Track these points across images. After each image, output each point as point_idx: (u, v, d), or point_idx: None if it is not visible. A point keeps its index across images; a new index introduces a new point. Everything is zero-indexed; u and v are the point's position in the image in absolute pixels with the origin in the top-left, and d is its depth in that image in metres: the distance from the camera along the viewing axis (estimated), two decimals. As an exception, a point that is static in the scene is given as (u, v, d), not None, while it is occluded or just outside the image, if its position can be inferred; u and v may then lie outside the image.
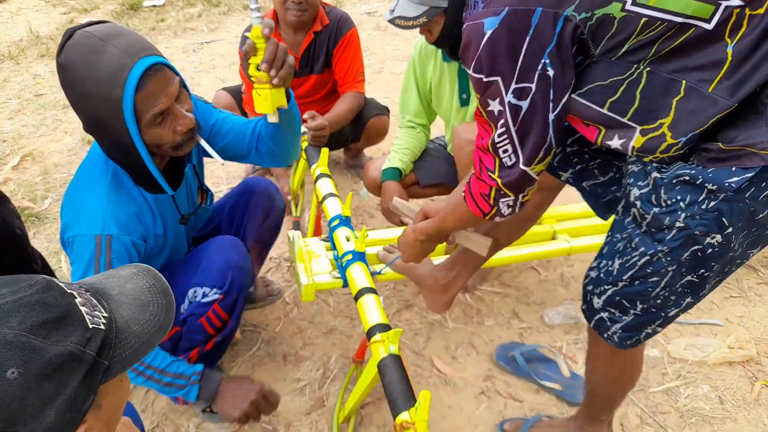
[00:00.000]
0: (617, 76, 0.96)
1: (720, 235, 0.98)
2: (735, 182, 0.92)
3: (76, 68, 1.20)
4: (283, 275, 2.34)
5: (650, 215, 1.04)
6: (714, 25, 0.88)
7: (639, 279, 1.10)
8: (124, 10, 5.76)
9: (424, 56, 2.10)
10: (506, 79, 0.96)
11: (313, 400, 1.79)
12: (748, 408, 1.74)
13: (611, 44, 0.93)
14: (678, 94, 0.93)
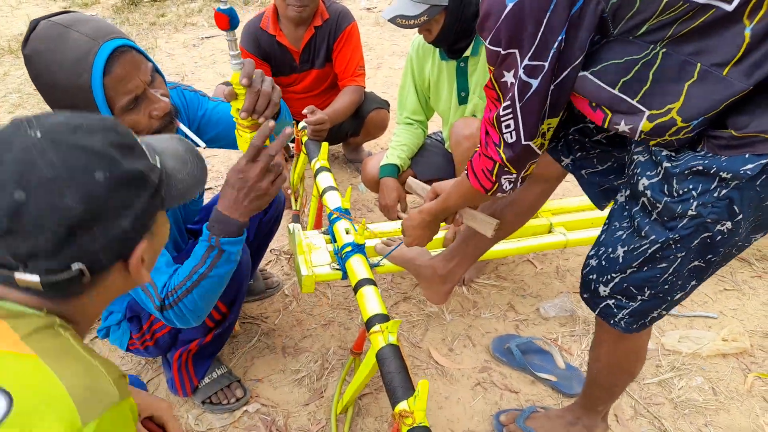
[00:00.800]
0: (633, 56, 0.95)
1: (730, 222, 0.99)
2: (750, 169, 0.92)
3: (41, 57, 1.17)
4: (282, 268, 2.36)
5: (662, 204, 1.04)
6: (735, 6, 0.87)
7: (648, 265, 1.11)
8: (125, 5, 5.76)
9: (422, 54, 2.12)
10: (523, 51, 0.96)
11: (311, 392, 1.81)
12: (741, 399, 1.76)
13: (631, 24, 0.93)
14: (691, 77, 0.93)
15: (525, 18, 0.93)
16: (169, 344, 1.66)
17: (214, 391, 1.76)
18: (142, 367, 1.91)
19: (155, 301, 1.32)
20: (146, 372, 1.89)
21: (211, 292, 1.33)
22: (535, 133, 1.06)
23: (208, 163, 3.12)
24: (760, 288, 2.18)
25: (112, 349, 1.97)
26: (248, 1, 5.87)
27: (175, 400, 1.79)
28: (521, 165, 1.13)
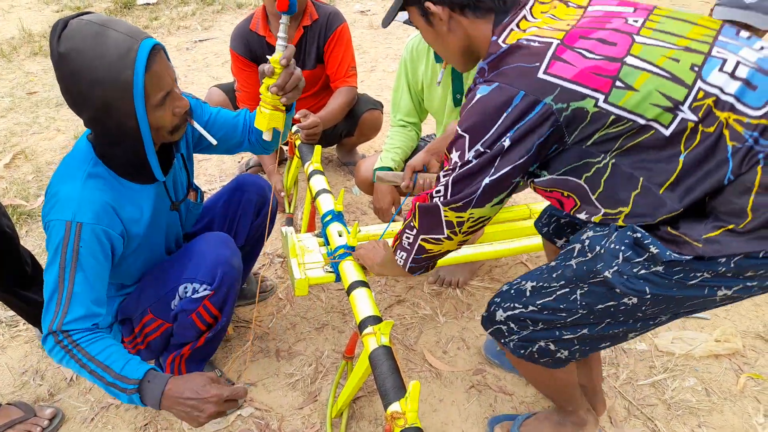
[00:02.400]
0: (589, 158, 1.07)
1: (637, 299, 1.09)
2: (673, 258, 1.02)
3: (82, 54, 1.19)
4: (276, 271, 2.35)
5: (593, 253, 1.13)
6: (671, 133, 1.00)
7: (549, 310, 1.21)
8: (118, 8, 5.75)
9: (416, 56, 2.12)
10: (473, 140, 1.07)
11: (305, 395, 1.81)
12: (733, 400, 1.77)
13: (583, 134, 1.04)
14: (636, 189, 1.05)
15: (484, 111, 1.04)
16: (161, 348, 1.65)
17: (207, 395, 1.75)
18: (135, 372, 1.90)
19: (56, 322, 1.26)
20: (139, 376, 1.88)
21: (88, 379, 1.28)
22: (451, 203, 1.13)
23: (201, 166, 3.12)
24: (752, 289, 2.19)
25: (104, 354, 1.95)
26: (242, 4, 5.87)
27: (168, 405, 1.78)
28: (424, 226, 1.21)
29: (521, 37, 1.07)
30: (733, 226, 0.99)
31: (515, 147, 1.05)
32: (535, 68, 1.02)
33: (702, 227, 1.01)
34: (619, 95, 1.00)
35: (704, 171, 0.99)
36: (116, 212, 1.36)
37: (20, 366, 1.94)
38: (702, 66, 0.99)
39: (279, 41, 1.44)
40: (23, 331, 2.07)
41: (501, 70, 1.05)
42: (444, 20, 1.18)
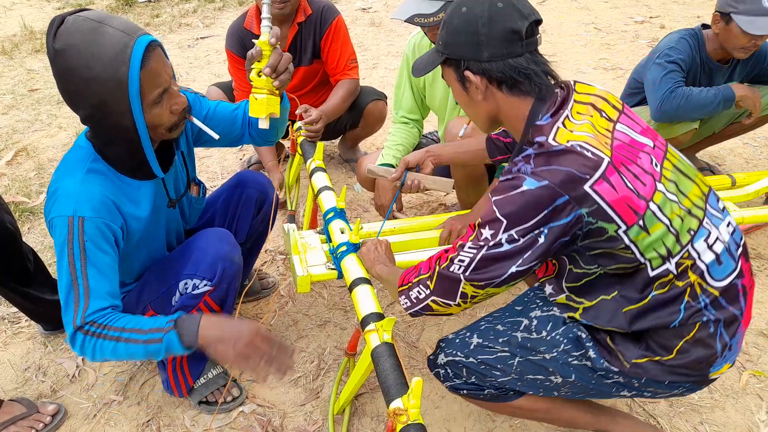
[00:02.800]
0: (584, 266, 1.21)
1: (562, 379, 1.29)
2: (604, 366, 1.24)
3: (77, 51, 1.19)
4: (278, 268, 2.35)
5: (536, 335, 1.31)
6: (653, 275, 1.15)
7: (486, 366, 1.34)
8: (119, 6, 5.75)
9: (418, 53, 2.12)
10: (509, 226, 1.11)
11: (307, 392, 1.81)
12: (736, 397, 1.76)
13: (592, 246, 1.16)
14: (608, 295, 1.21)
15: (527, 204, 1.09)
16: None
17: (210, 390, 1.76)
18: (138, 369, 1.90)
19: (78, 317, 1.26)
20: (141, 373, 1.88)
21: (127, 353, 1.28)
22: (473, 280, 1.18)
23: (202, 163, 3.12)
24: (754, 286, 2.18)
25: (106, 351, 1.96)
26: (243, 2, 5.87)
27: (171, 402, 1.79)
28: (438, 290, 1.24)
29: (573, 140, 1.11)
30: (659, 358, 1.20)
31: (546, 241, 1.11)
32: (585, 180, 1.08)
33: (634, 350, 1.21)
34: (636, 232, 1.12)
35: (661, 312, 1.18)
36: (116, 206, 1.36)
37: (23, 362, 1.94)
38: (696, 233, 1.17)
39: (264, 22, 1.42)
40: (25, 328, 2.07)
41: (552, 169, 1.09)
42: (480, 89, 1.20)
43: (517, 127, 1.22)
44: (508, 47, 1.14)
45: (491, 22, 1.13)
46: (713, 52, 2.40)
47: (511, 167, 1.17)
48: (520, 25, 1.13)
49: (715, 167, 2.88)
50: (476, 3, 1.15)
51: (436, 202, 2.75)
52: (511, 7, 1.14)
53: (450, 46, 1.20)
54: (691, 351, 1.18)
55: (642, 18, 5.01)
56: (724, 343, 1.19)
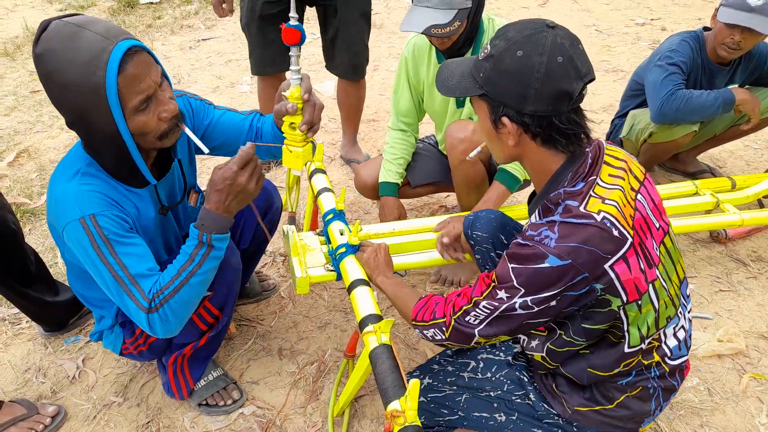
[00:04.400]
0: (573, 337, 1.24)
1: (506, 417, 1.35)
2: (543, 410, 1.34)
3: (54, 56, 1.16)
4: (278, 270, 2.36)
5: (482, 375, 1.40)
6: (628, 350, 1.23)
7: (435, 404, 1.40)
8: (121, 7, 5.75)
9: (418, 55, 2.10)
10: (526, 294, 1.15)
11: (307, 394, 1.81)
12: (736, 400, 1.76)
13: (591, 317, 1.20)
14: (583, 352, 1.27)
15: (547, 278, 1.11)
16: (163, 349, 1.65)
17: (210, 393, 1.76)
18: (138, 370, 1.90)
19: (143, 303, 1.31)
20: (142, 375, 1.89)
21: (196, 291, 1.35)
22: (487, 335, 1.23)
23: (203, 165, 3.12)
24: (755, 289, 2.18)
25: (106, 351, 1.96)
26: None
27: (171, 403, 1.79)
28: (453, 338, 1.29)
29: (603, 210, 1.11)
30: (600, 408, 1.30)
31: (557, 306, 1.15)
32: (607, 259, 1.10)
33: (578, 398, 1.30)
34: (632, 308, 1.18)
35: (620, 377, 1.28)
36: (117, 203, 1.36)
37: (23, 363, 1.94)
38: (671, 320, 1.26)
39: (293, 75, 1.39)
40: (26, 329, 2.08)
41: (577, 247, 1.09)
42: (513, 136, 1.16)
43: (541, 177, 1.21)
44: (555, 105, 1.09)
45: (547, 77, 1.06)
46: (714, 55, 2.40)
47: (532, 232, 1.15)
48: (575, 87, 1.07)
49: (716, 169, 2.88)
50: (534, 50, 1.06)
51: (437, 203, 2.75)
52: (570, 64, 1.07)
53: (493, 85, 1.13)
54: (630, 405, 1.30)
55: (643, 20, 5.01)
56: (658, 405, 1.32)
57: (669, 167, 2.91)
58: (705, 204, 2.25)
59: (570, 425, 1.34)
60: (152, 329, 1.34)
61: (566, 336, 1.25)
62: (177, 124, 1.33)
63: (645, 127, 2.50)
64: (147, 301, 1.31)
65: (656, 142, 2.51)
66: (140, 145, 1.32)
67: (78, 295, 1.59)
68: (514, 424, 1.35)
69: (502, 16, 5.18)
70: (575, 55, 1.08)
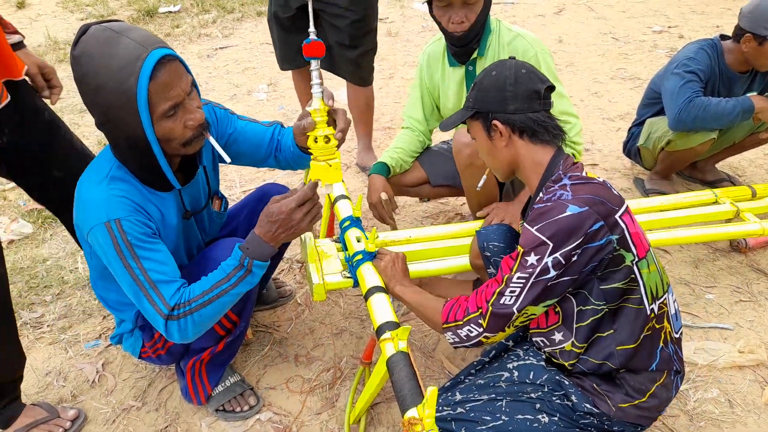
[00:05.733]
0: (594, 302, 1.31)
1: (548, 418, 1.36)
2: (585, 410, 1.35)
3: (92, 59, 1.22)
4: (295, 277, 2.37)
5: (519, 381, 1.41)
6: (645, 314, 1.32)
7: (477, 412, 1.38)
8: (141, 16, 5.85)
9: (432, 61, 2.14)
10: (555, 248, 1.24)
11: (323, 400, 1.82)
12: (758, 412, 1.73)
13: (608, 277, 1.29)
14: (608, 331, 1.33)
15: (571, 226, 1.23)
16: (181, 353, 1.67)
17: (228, 399, 1.77)
18: (156, 375, 1.92)
19: (162, 309, 1.33)
20: (160, 380, 1.90)
21: (222, 309, 1.39)
22: (524, 307, 1.29)
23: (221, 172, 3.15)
24: (776, 299, 2.15)
25: (125, 356, 1.98)
26: (261, 12, 5.94)
27: (188, 408, 1.80)
28: (492, 327, 1.32)
29: (599, 177, 1.35)
30: (638, 402, 1.35)
31: (579, 261, 1.25)
32: (616, 210, 1.28)
33: (619, 396, 1.35)
34: (643, 265, 1.31)
35: (643, 354, 1.35)
36: (144, 209, 1.39)
37: (44, 367, 1.97)
38: (668, 288, 1.40)
39: (314, 88, 1.44)
40: (47, 333, 2.11)
41: (592, 197, 1.26)
42: (504, 136, 1.38)
43: (535, 172, 1.39)
44: (529, 103, 1.36)
45: (517, 82, 1.36)
46: (732, 63, 2.38)
47: (547, 196, 1.31)
48: (540, 87, 1.37)
49: (735, 178, 2.85)
50: (504, 68, 1.39)
51: (453, 211, 2.75)
52: (532, 73, 1.38)
53: (479, 101, 1.41)
54: (659, 395, 1.38)
55: (660, 28, 4.98)
56: (676, 391, 1.43)
57: (687, 176, 2.88)
58: (725, 213, 2.22)
59: (602, 423, 1.36)
60: (168, 335, 1.37)
61: (586, 305, 1.32)
62: (202, 132, 1.37)
63: (662, 135, 2.48)
64: (167, 307, 1.33)
65: (674, 150, 2.49)
66: (165, 151, 1.36)
67: (99, 298, 1.62)
68: (556, 425, 1.36)
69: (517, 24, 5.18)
70: (534, 70, 1.40)
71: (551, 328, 1.38)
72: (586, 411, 1.35)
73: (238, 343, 1.73)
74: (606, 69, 4.27)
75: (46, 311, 2.21)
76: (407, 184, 2.29)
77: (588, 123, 3.50)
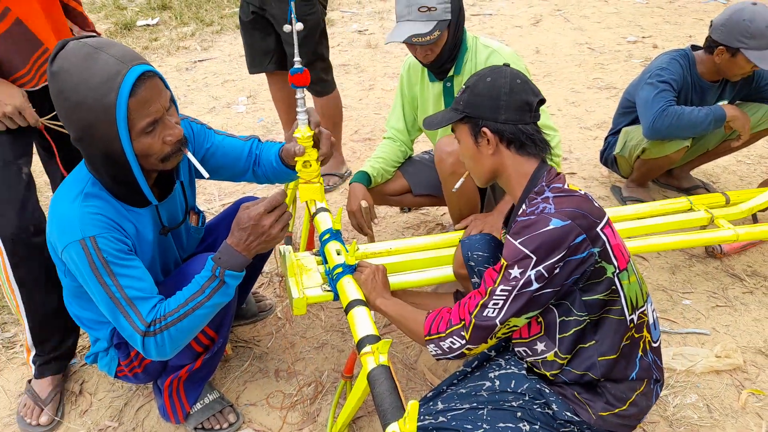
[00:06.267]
0: (576, 313, 1.32)
1: (529, 426, 1.35)
2: (566, 418, 1.35)
3: (70, 75, 1.20)
4: (275, 290, 2.35)
5: (500, 390, 1.40)
6: (625, 324, 1.34)
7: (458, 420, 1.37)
8: (118, 29, 5.81)
9: (412, 74, 2.15)
10: (538, 262, 1.25)
11: (305, 415, 1.80)
12: (735, 416, 1.75)
13: (589, 289, 1.30)
14: (590, 342, 1.34)
15: (553, 240, 1.24)
16: (158, 371, 1.64)
17: (207, 416, 1.74)
18: (133, 394, 1.88)
19: (139, 326, 1.31)
20: (137, 398, 1.87)
21: (199, 322, 1.37)
22: (506, 319, 1.29)
23: (200, 185, 3.13)
24: (751, 304, 2.19)
25: (101, 375, 1.94)
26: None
27: (167, 427, 1.77)
28: (474, 339, 1.33)
29: (581, 190, 1.36)
30: (618, 410, 1.36)
31: (561, 274, 1.26)
32: (597, 223, 1.29)
33: (600, 405, 1.36)
34: (624, 277, 1.32)
35: (626, 362, 1.36)
36: (119, 226, 1.37)
37: (16, 388, 1.92)
38: (647, 298, 1.41)
39: (300, 115, 1.48)
40: (20, 353, 2.06)
41: (574, 211, 1.27)
42: (492, 144, 1.38)
43: (518, 183, 1.40)
44: (521, 115, 1.35)
45: (511, 92, 1.35)
46: (704, 73, 2.43)
47: (530, 209, 1.32)
48: (533, 99, 1.37)
49: (710, 185, 2.90)
50: (500, 76, 1.37)
51: (434, 221, 2.76)
52: (527, 85, 1.38)
53: (471, 106, 1.39)
54: (639, 403, 1.39)
55: (635, 38, 5.08)
56: (656, 399, 1.44)
57: (663, 183, 2.93)
58: (700, 219, 2.26)
59: (581, 426, 1.38)
60: (146, 352, 1.35)
61: (569, 317, 1.33)
62: (180, 148, 1.36)
63: (638, 144, 2.52)
64: (144, 324, 1.31)
65: (649, 158, 2.53)
66: (142, 166, 1.35)
67: (73, 317, 1.59)
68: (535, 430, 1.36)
69: (495, 36, 5.25)
70: (528, 81, 1.39)
71: (533, 338, 1.39)
72: (566, 419, 1.36)
73: (216, 359, 1.70)
74: (583, 79, 4.34)
75: (18, 330, 2.16)
76: (389, 193, 2.29)
77: (566, 132, 3.54)
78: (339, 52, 5.10)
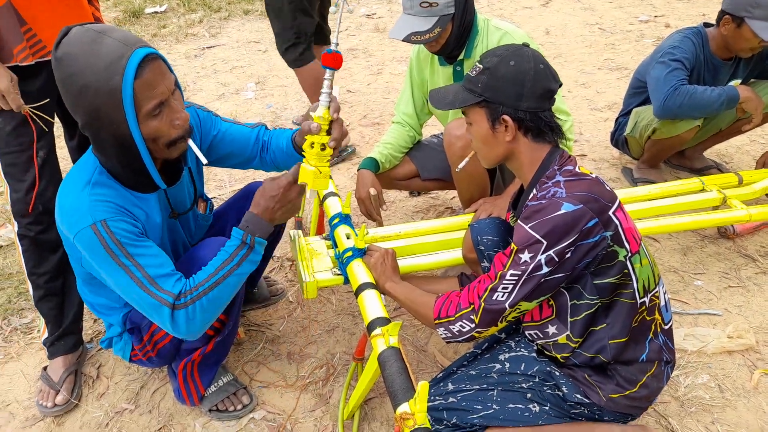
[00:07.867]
0: (587, 297, 1.32)
1: (539, 407, 1.38)
2: (576, 400, 1.36)
3: (75, 60, 1.21)
4: (286, 275, 2.37)
5: (510, 372, 1.42)
6: (637, 306, 1.33)
7: (468, 401, 1.40)
8: (127, 17, 5.81)
9: (422, 58, 2.14)
10: (549, 246, 1.24)
11: (317, 398, 1.82)
12: (747, 396, 1.75)
13: (600, 273, 1.29)
14: (601, 325, 1.34)
15: (565, 224, 1.22)
16: (172, 354, 1.67)
17: (221, 398, 1.77)
18: (149, 377, 1.92)
19: (167, 299, 1.32)
20: (153, 381, 1.90)
21: (229, 292, 1.40)
22: (516, 303, 1.29)
23: (210, 170, 3.14)
24: (764, 284, 2.17)
25: (117, 359, 1.98)
26: (248, 11, 5.91)
27: (182, 410, 1.80)
28: (484, 322, 1.32)
29: (592, 173, 1.35)
30: (629, 392, 1.36)
31: (572, 258, 1.25)
32: (609, 207, 1.27)
33: (610, 387, 1.36)
34: (636, 260, 1.31)
35: (635, 346, 1.36)
36: (128, 211, 1.38)
37: (35, 372, 1.96)
38: (659, 281, 1.40)
39: (323, 96, 1.41)
40: (37, 339, 2.10)
41: (585, 194, 1.25)
42: (510, 132, 1.34)
43: (530, 168, 1.37)
44: (542, 103, 1.32)
45: (536, 79, 1.30)
46: (717, 50, 2.39)
47: (541, 193, 1.31)
48: (555, 86, 1.33)
49: (722, 165, 2.87)
50: (523, 60, 1.31)
51: (443, 205, 2.75)
52: (548, 70, 1.33)
53: (492, 90, 1.32)
54: (650, 385, 1.39)
55: (647, 17, 5.00)
56: (667, 381, 1.44)
57: (675, 164, 2.90)
58: (712, 200, 2.24)
59: (593, 413, 1.38)
60: (175, 327, 1.35)
61: (580, 300, 1.32)
62: (185, 135, 1.37)
63: (648, 124, 2.49)
64: (173, 296, 1.33)
65: (660, 138, 2.50)
66: (150, 152, 1.35)
67: (86, 303, 1.62)
68: (547, 414, 1.37)
69: (504, 18, 5.19)
70: (549, 65, 1.35)
71: (545, 321, 1.39)
72: (576, 401, 1.36)
73: (228, 342, 1.73)
74: (593, 59, 4.28)
75: (36, 316, 2.20)
76: (397, 178, 2.29)
77: (576, 114, 3.51)
78: (347, 36, 5.07)
